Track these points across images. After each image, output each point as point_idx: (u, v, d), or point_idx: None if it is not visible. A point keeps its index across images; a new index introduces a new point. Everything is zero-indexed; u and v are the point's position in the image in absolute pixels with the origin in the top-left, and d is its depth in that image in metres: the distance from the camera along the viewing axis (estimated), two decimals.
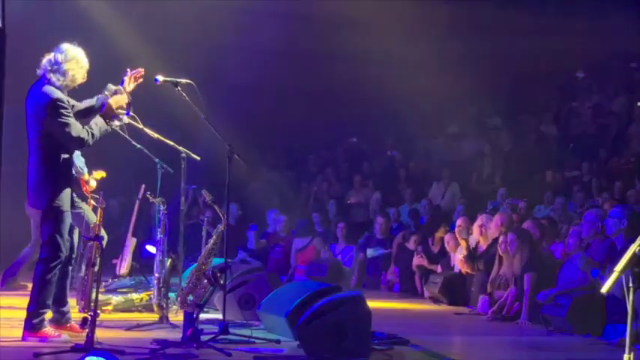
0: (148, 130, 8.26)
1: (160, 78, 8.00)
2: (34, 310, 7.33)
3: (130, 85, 7.72)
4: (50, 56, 7.48)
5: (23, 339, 7.27)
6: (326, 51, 18.67)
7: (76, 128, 7.32)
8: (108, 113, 7.58)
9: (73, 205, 7.65)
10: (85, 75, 7.58)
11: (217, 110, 8.24)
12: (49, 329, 7.34)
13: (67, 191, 7.46)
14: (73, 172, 7.80)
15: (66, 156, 7.46)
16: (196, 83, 8.01)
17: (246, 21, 17.41)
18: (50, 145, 7.36)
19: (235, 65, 18.15)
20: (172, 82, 8.03)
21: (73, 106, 7.46)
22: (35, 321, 7.30)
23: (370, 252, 14.19)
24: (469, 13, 18.88)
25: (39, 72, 7.48)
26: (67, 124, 7.28)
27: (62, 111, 7.30)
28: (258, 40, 18.07)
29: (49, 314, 7.46)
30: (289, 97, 19.81)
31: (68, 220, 7.49)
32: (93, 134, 7.40)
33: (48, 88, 7.37)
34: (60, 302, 7.64)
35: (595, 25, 18.85)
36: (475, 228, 12.01)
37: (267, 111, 19.86)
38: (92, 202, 9.14)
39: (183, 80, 8.06)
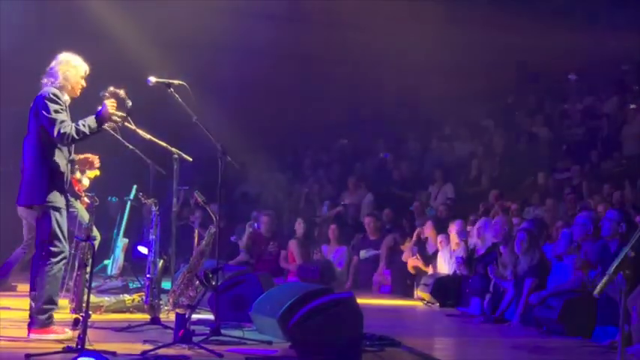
0: (140, 132, 8.26)
1: (153, 79, 8.00)
2: (41, 307, 7.31)
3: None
4: None
5: (29, 331, 7.28)
6: (318, 52, 18.68)
7: (62, 125, 7.36)
8: (105, 114, 7.60)
9: (68, 204, 7.66)
10: (79, 74, 7.65)
11: (209, 111, 8.22)
12: (56, 327, 7.35)
13: (63, 189, 7.52)
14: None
15: (62, 154, 7.51)
16: (189, 84, 8.01)
17: (239, 21, 17.41)
18: (44, 141, 7.43)
19: (227, 66, 18.15)
20: (165, 84, 8.03)
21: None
22: (42, 317, 7.31)
23: (362, 253, 14.20)
24: (463, 14, 18.93)
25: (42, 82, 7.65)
26: (54, 119, 7.34)
27: (53, 106, 7.38)
28: (250, 41, 18.08)
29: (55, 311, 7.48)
30: (281, 98, 19.81)
31: (65, 215, 7.51)
32: (78, 130, 7.42)
33: (46, 88, 7.53)
34: None
35: (587, 27, 18.91)
36: (474, 231, 12.02)
37: (259, 112, 19.86)
38: (86, 200, 9.14)
39: (176, 81, 8.06)
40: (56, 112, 7.37)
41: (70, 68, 7.61)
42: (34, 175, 7.46)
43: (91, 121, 7.54)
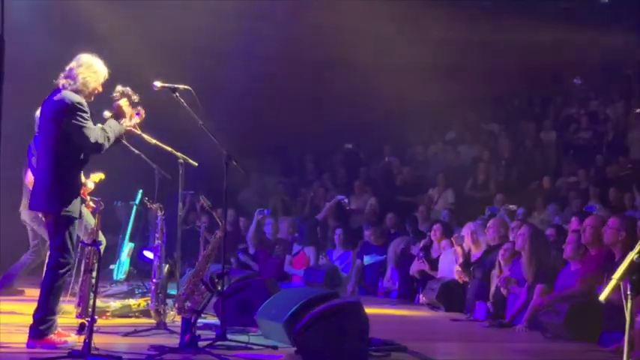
0: (145, 136, 8.26)
1: (158, 84, 7.98)
2: (42, 317, 7.28)
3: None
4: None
5: (28, 346, 7.21)
6: (323, 57, 18.69)
7: (95, 133, 7.31)
8: (119, 115, 7.59)
9: (81, 211, 7.63)
10: (99, 80, 7.53)
11: (215, 116, 8.22)
12: (54, 336, 7.31)
13: (78, 197, 7.46)
14: None
15: (78, 161, 7.45)
16: (194, 89, 8.01)
17: (245, 26, 17.42)
18: (65, 149, 7.33)
19: (233, 71, 18.16)
20: (170, 88, 8.02)
21: (92, 114, 7.45)
22: (42, 327, 7.26)
23: (367, 259, 14.18)
24: (467, 19, 18.92)
25: (58, 83, 7.49)
26: (86, 128, 7.26)
27: (82, 114, 7.28)
28: (256, 46, 18.09)
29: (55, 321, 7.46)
30: (287, 102, 19.81)
31: (77, 225, 7.49)
32: (108, 138, 7.39)
33: (66, 93, 7.37)
34: None
35: (593, 31, 18.91)
36: (466, 236, 12.02)
37: (264, 116, 19.86)
38: (91, 204, 9.15)
39: (181, 86, 8.04)
40: (85, 120, 7.29)
41: (91, 73, 7.47)
42: (51, 181, 7.34)
43: (114, 124, 7.51)
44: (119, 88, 7.66)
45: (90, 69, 7.48)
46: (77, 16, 15.28)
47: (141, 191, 12.03)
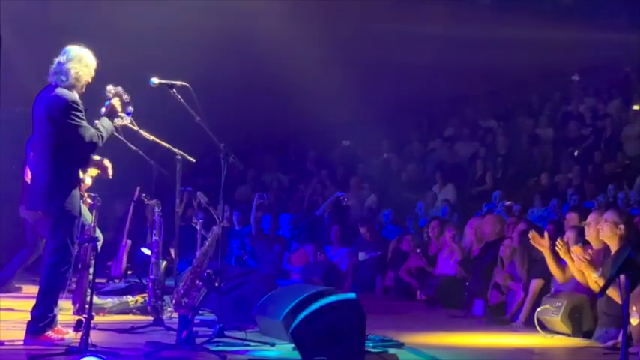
0: (143, 132, 8.25)
1: (156, 80, 7.98)
2: (42, 314, 7.26)
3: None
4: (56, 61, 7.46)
5: (26, 342, 7.19)
6: (322, 54, 18.68)
7: (90, 132, 7.28)
8: (112, 113, 7.56)
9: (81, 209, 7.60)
10: (91, 73, 7.51)
11: (212, 112, 8.20)
12: (52, 333, 7.28)
13: (77, 194, 7.42)
14: None
15: (77, 158, 7.42)
16: (191, 85, 8.00)
17: (241, 22, 17.41)
18: (63, 147, 7.29)
19: (230, 67, 18.14)
20: (167, 85, 8.01)
21: (86, 110, 7.42)
22: (41, 324, 7.24)
23: (362, 255, 14.17)
24: (466, 16, 18.93)
25: (49, 79, 7.43)
26: (80, 127, 7.24)
27: (77, 113, 7.25)
28: (253, 42, 18.07)
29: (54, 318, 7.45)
30: (285, 99, 19.81)
31: (79, 223, 7.47)
32: (102, 137, 7.37)
33: (61, 90, 7.31)
34: None
35: (590, 27, 18.93)
36: (468, 230, 12.01)
37: (262, 113, 19.86)
38: (88, 200, 9.14)
39: (179, 82, 8.04)
40: (80, 119, 7.25)
41: (83, 67, 7.42)
42: (50, 180, 7.30)
43: (107, 123, 7.47)
44: (111, 87, 7.61)
45: (81, 62, 7.43)
46: (76, 11, 15.29)
47: (138, 187, 12.01)
